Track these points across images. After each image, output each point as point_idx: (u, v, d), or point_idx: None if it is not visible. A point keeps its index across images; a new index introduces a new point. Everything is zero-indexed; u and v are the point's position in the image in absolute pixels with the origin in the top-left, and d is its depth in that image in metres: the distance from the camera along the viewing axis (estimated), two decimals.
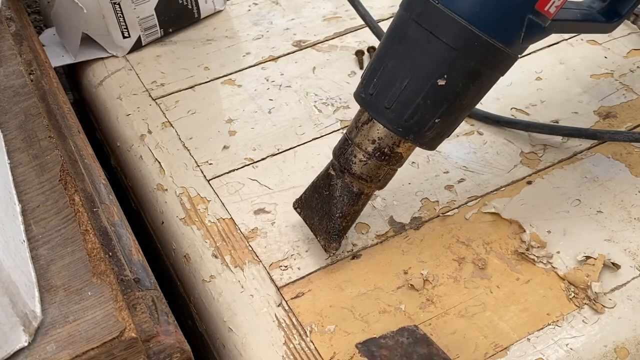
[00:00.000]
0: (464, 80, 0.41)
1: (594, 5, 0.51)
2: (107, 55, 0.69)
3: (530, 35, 0.41)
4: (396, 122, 0.43)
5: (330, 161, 0.47)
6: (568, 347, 0.43)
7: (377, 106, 0.43)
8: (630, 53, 0.66)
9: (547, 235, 0.50)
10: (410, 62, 0.41)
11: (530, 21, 0.40)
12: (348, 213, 0.46)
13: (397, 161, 0.45)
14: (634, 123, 0.59)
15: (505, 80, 0.63)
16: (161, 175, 0.57)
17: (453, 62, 0.40)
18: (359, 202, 0.47)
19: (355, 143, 0.45)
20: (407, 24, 0.42)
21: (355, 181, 0.45)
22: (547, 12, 0.40)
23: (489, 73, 0.42)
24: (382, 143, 0.44)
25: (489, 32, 0.40)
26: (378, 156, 0.44)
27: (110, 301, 0.36)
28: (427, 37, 0.40)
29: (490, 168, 0.55)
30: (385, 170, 0.45)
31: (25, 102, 0.48)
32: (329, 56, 0.68)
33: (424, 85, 0.41)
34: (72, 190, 0.42)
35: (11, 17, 0.61)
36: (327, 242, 0.47)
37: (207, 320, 0.49)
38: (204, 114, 0.62)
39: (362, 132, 0.44)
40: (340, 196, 0.46)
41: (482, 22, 0.39)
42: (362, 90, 0.44)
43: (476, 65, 0.41)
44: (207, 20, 0.74)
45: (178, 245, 0.52)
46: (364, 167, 0.45)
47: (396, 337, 0.43)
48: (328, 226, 0.47)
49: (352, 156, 0.45)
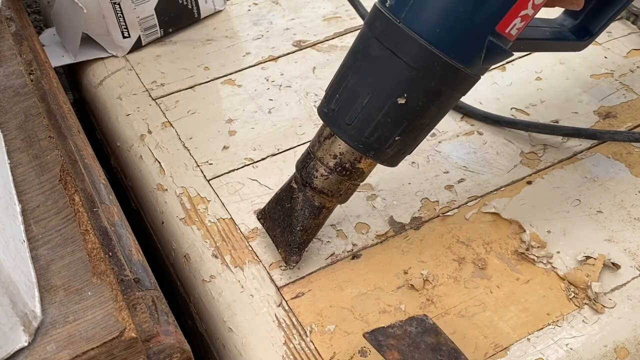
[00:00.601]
0: (424, 99, 0.41)
1: (565, 23, 0.51)
2: (107, 55, 0.69)
3: (491, 56, 0.41)
4: (357, 139, 0.42)
5: (293, 174, 0.47)
6: (568, 347, 0.43)
7: (339, 122, 0.43)
8: (630, 53, 0.66)
9: (547, 235, 0.50)
10: (372, 80, 0.41)
11: (491, 43, 0.40)
12: (309, 226, 0.46)
13: (359, 176, 0.45)
14: (634, 123, 0.59)
15: (505, 80, 0.64)
16: (161, 175, 0.57)
17: (413, 81, 0.40)
18: (320, 216, 0.46)
19: (317, 157, 0.45)
20: (369, 41, 0.41)
21: (317, 195, 0.45)
22: (509, 34, 0.40)
23: (449, 93, 0.42)
24: (344, 158, 0.44)
25: (449, 53, 0.39)
26: (339, 171, 0.44)
27: (110, 301, 0.36)
28: (389, 56, 0.40)
29: (490, 168, 0.55)
30: (346, 185, 0.45)
31: (25, 102, 0.48)
32: (329, 56, 0.68)
33: (385, 103, 0.41)
34: (72, 190, 0.42)
35: (11, 17, 0.61)
36: (288, 255, 0.47)
37: (207, 320, 0.49)
38: (204, 114, 0.62)
39: (324, 147, 0.44)
40: (301, 209, 0.46)
41: (441, 42, 0.39)
42: (324, 105, 0.44)
43: (436, 85, 0.40)
44: (207, 20, 0.74)
45: (178, 245, 0.52)
46: (326, 182, 0.45)
47: (405, 326, 0.43)
48: (289, 239, 0.47)
49: (314, 170, 0.45)
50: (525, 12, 0.39)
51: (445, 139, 0.58)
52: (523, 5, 0.39)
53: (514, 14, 0.39)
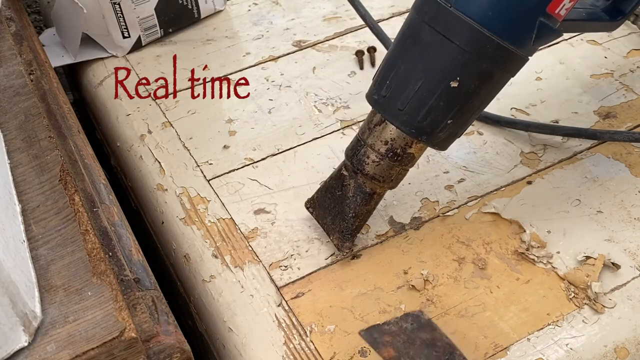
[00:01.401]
0: (476, 82, 0.42)
1: (597, 3, 0.52)
2: (107, 55, 0.69)
3: (541, 37, 0.41)
4: (409, 124, 0.43)
5: (343, 162, 0.48)
6: (568, 347, 0.43)
7: (390, 108, 0.43)
8: (630, 53, 0.66)
9: (547, 235, 0.50)
10: (424, 65, 0.42)
11: (541, 24, 0.41)
12: (361, 213, 0.47)
13: (409, 161, 0.46)
14: (634, 123, 0.59)
15: None
16: (161, 175, 0.57)
17: (466, 64, 0.41)
18: (372, 202, 0.47)
19: (367, 144, 0.45)
20: (419, 26, 0.42)
21: (368, 181, 0.46)
22: (558, 14, 0.41)
23: (500, 74, 0.42)
24: (395, 144, 0.44)
25: (501, 35, 0.40)
26: (391, 157, 0.45)
27: (110, 301, 0.36)
28: (440, 40, 0.41)
29: (490, 168, 0.55)
30: (397, 171, 0.46)
31: (25, 102, 0.48)
32: (329, 56, 0.68)
33: (437, 87, 0.42)
34: (72, 190, 0.42)
35: (11, 17, 0.61)
36: (341, 242, 0.48)
37: (207, 320, 0.49)
38: (204, 114, 0.62)
39: (375, 134, 0.45)
40: (353, 196, 0.47)
41: (494, 25, 0.40)
42: (374, 92, 0.45)
43: (488, 67, 0.41)
44: (207, 20, 0.74)
45: (178, 245, 0.52)
46: (377, 168, 0.45)
47: (400, 322, 0.43)
48: (341, 226, 0.47)
49: (365, 157, 0.45)
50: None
51: None
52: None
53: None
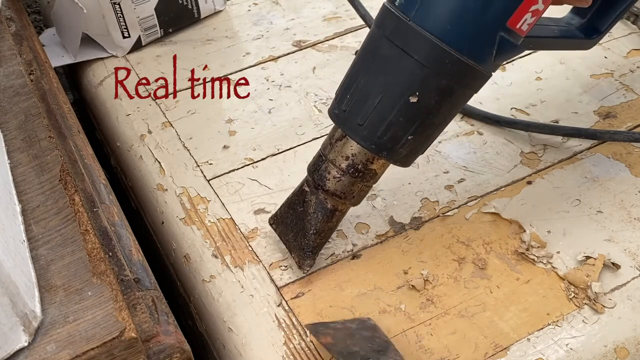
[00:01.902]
0: (436, 97, 0.41)
1: (572, 21, 0.51)
2: (107, 55, 0.69)
3: (503, 52, 0.41)
4: (369, 139, 0.42)
5: (305, 177, 0.47)
6: (568, 347, 0.43)
7: (351, 123, 0.43)
8: (630, 53, 0.66)
9: (547, 235, 0.50)
10: (383, 79, 0.41)
11: (502, 39, 0.40)
12: (322, 230, 0.46)
13: (372, 178, 0.45)
14: (634, 123, 0.59)
15: (505, 80, 0.64)
16: (161, 175, 0.57)
17: (425, 79, 0.40)
18: (333, 219, 0.46)
19: (329, 159, 0.44)
20: (379, 41, 0.41)
21: (330, 198, 0.45)
22: (519, 29, 0.40)
23: (461, 91, 0.42)
24: (356, 160, 0.43)
25: (461, 50, 0.39)
26: (352, 173, 0.44)
27: (110, 301, 0.36)
28: (399, 55, 0.40)
29: (490, 168, 0.55)
30: (359, 187, 0.45)
31: (25, 102, 0.48)
32: (329, 56, 0.68)
33: (397, 102, 0.41)
34: (72, 190, 0.42)
35: (11, 17, 0.61)
36: (302, 259, 0.47)
37: (207, 320, 0.49)
38: (204, 114, 0.62)
39: (336, 149, 0.44)
40: (314, 213, 0.46)
41: (453, 39, 0.39)
42: (335, 106, 0.44)
43: (448, 82, 0.40)
44: (207, 20, 0.74)
45: (178, 245, 0.52)
46: (338, 184, 0.44)
47: (346, 323, 0.44)
48: (302, 243, 0.46)
49: (326, 172, 0.45)
50: (536, 7, 0.39)
51: (445, 139, 0.58)
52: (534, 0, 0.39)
53: (525, 9, 0.39)
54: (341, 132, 0.44)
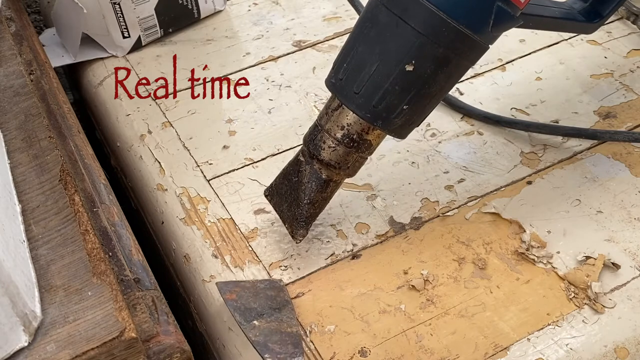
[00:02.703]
0: (432, 67, 0.41)
1: (575, 5, 0.51)
2: (107, 55, 0.69)
3: (499, 23, 0.40)
4: (365, 108, 0.42)
5: (301, 147, 0.47)
6: (568, 347, 0.43)
7: (347, 91, 0.43)
8: (630, 53, 0.66)
9: (547, 235, 0.50)
10: (380, 47, 0.41)
11: (499, 8, 0.40)
12: (316, 200, 0.46)
13: (367, 149, 0.45)
14: (634, 123, 0.59)
15: (505, 80, 0.64)
16: (161, 175, 0.57)
17: (421, 47, 0.40)
18: (328, 189, 0.46)
19: (324, 129, 0.44)
20: (377, 8, 0.41)
21: (324, 168, 0.45)
22: (517, 1, 0.40)
23: (457, 61, 0.41)
24: (351, 129, 0.44)
25: (457, 18, 0.39)
26: (347, 142, 0.44)
27: (110, 301, 0.36)
28: (396, 22, 0.40)
29: (490, 168, 0.55)
30: (354, 158, 0.45)
31: (25, 102, 0.48)
32: (329, 56, 0.68)
33: (393, 70, 0.41)
34: (72, 190, 0.42)
35: (11, 17, 0.61)
36: (294, 229, 0.47)
37: (207, 320, 0.49)
38: (204, 114, 0.62)
39: (332, 118, 0.44)
40: (308, 182, 0.46)
41: (450, 7, 0.39)
42: (332, 75, 0.44)
43: (444, 51, 0.40)
44: (207, 20, 0.74)
45: (178, 245, 0.52)
46: (333, 154, 0.44)
47: (256, 283, 0.45)
48: (296, 212, 0.46)
49: (321, 142, 0.45)
50: None
51: (445, 139, 0.58)
52: None
53: None
54: (338, 102, 0.44)
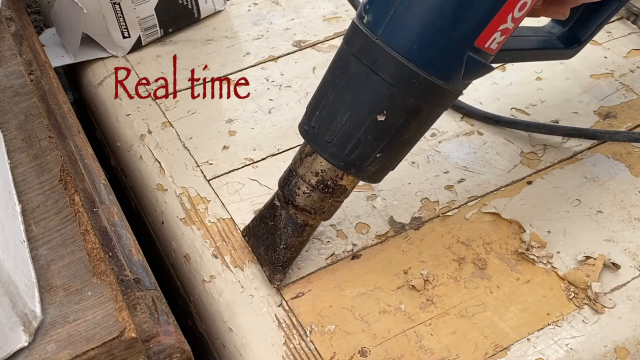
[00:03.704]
0: (403, 116, 0.40)
1: (553, 30, 0.50)
2: (107, 55, 0.69)
3: (471, 71, 0.40)
4: (337, 156, 0.42)
5: (276, 191, 0.46)
6: (568, 347, 0.43)
7: (319, 139, 0.42)
8: (630, 53, 0.66)
9: (547, 235, 0.50)
10: (351, 97, 0.41)
11: (470, 58, 0.39)
12: (292, 244, 0.46)
13: (342, 194, 0.44)
14: (634, 123, 0.59)
15: (505, 80, 0.64)
16: (161, 175, 0.57)
17: (392, 98, 0.39)
18: (304, 234, 0.46)
19: (299, 175, 0.44)
20: (348, 58, 0.41)
21: (300, 213, 0.45)
22: (488, 48, 0.39)
23: (429, 109, 0.41)
24: (325, 176, 0.43)
25: (428, 70, 0.39)
26: (322, 189, 0.43)
27: (110, 301, 0.36)
28: (367, 73, 0.40)
29: (490, 168, 0.55)
30: (329, 203, 0.44)
31: (25, 102, 0.48)
32: (329, 56, 0.68)
33: (364, 120, 0.40)
34: (72, 190, 0.42)
35: (11, 17, 0.61)
36: (272, 274, 0.46)
37: (207, 320, 0.49)
38: (204, 114, 0.62)
39: (306, 164, 0.44)
40: (284, 227, 0.45)
41: (420, 59, 0.38)
42: (305, 122, 0.43)
43: (416, 101, 0.40)
44: (207, 20, 0.74)
45: (178, 245, 0.52)
46: (308, 199, 0.44)
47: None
48: (272, 257, 0.46)
49: (296, 188, 0.44)
50: (505, 26, 0.38)
51: (445, 139, 0.58)
52: (502, 19, 0.38)
53: (493, 28, 0.38)
54: (310, 148, 0.43)
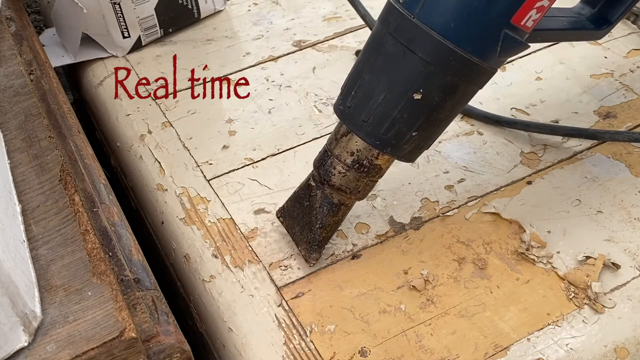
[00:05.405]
0: (440, 95, 0.41)
1: (583, 11, 0.51)
2: (107, 55, 0.69)
3: (507, 49, 0.40)
4: (374, 135, 0.42)
5: (311, 172, 0.47)
6: (568, 347, 0.43)
7: (355, 119, 0.43)
8: (630, 53, 0.66)
9: (547, 235, 0.50)
10: (387, 76, 0.41)
11: (507, 36, 0.39)
12: (328, 224, 0.46)
13: (377, 173, 0.45)
14: (634, 123, 0.59)
15: (505, 80, 0.64)
16: (161, 175, 0.57)
17: (429, 76, 0.40)
18: (339, 213, 0.46)
19: (334, 155, 0.44)
20: (383, 37, 0.41)
21: (335, 192, 0.45)
22: (524, 26, 0.40)
23: (465, 87, 0.41)
24: (361, 155, 0.44)
25: (465, 47, 0.39)
26: (357, 168, 0.44)
27: (110, 301, 0.36)
28: (403, 52, 0.40)
29: (490, 168, 0.55)
30: (364, 182, 0.45)
31: (25, 102, 0.48)
32: (329, 56, 0.68)
33: (400, 99, 0.41)
34: (72, 190, 0.42)
35: (11, 17, 0.61)
36: (308, 253, 0.47)
37: (207, 320, 0.49)
38: (204, 114, 0.62)
39: (341, 144, 0.44)
40: (320, 207, 0.46)
41: (457, 37, 0.39)
42: (340, 102, 0.44)
43: (452, 79, 0.40)
44: (207, 20, 0.74)
45: (178, 245, 0.52)
46: (344, 179, 0.45)
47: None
48: (308, 236, 0.47)
49: (332, 168, 0.45)
50: (541, 3, 0.39)
51: (445, 139, 0.58)
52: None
53: (530, 5, 0.39)
54: (346, 128, 0.44)
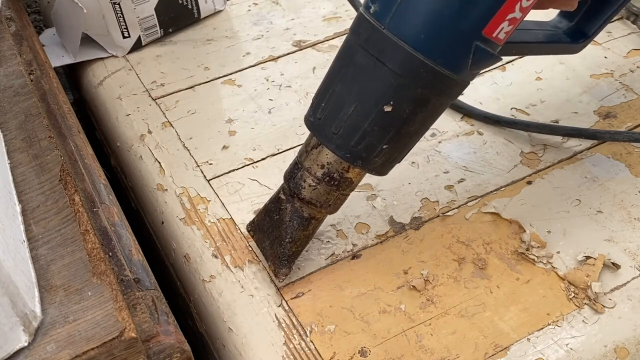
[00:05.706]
0: (410, 107, 0.40)
1: (560, 25, 0.50)
2: (107, 55, 0.69)
3: (479, 61, 0.39)
4: (344, 148, 0.41)
5: (281, 185, 0.46)
6: (568, 347, 0.43)
7: (325, 131, 0.42)
8: (630, 53, 0.66)
9: (547, 235, 0.50)
10: (357, 88, 0.40)
11: (478, 48, 0.38)
12: (298, 238, 0.45)
13: (347, 186, 0.44)
14: (634, 123, 0.59)
15: (505, 80, 0.64)
16: (161, 175, 0.57)
17: (399, 88, 0.39)
18: (310, 227, 0.45)
19: (304, 167, 0.43)
20: (354, 48, 0.40)
21: (305, 206, 0.44)
22: (496, 38, 0.39)
23: (436, 100, 0.40)
24: (331, 168, 0.43)
25: (435, 59, 0.38)
26: (327, 181, 0.43)
27: (110, 301, 0.36)
28: (374, 63, 0.39)
29: (490, 168, 0.55)
30: (335, 196, 0.44)
31: (25, 102, 0.48)
32: (329, 56, 0.68)
33: (371, 111, 0.40)
34: (72, 190, 0.42)
35: (11, 17, 0.61)
36: (277, 268, 0.46)
37: (207, 320, 0.49)
38: (204, 114, 0.62)
39: (311, 157, 0.43)
40: (290, 221, 0.45)
41: (427, 48, 0.38)
42: (311, 114, 0.43)
43: (423, 91, 0.39)
44: (207, 20, 0.74)
45: (178, 245, 0.52)
46: (314, 192, 0.44)
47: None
48: (278, 251, 0.46)
49: (302, 181, 0.44)
50: (513, 15, 0.38)
51: (445, 139, 0.58)
52: (510, 8, 0.37)
53: (501, 17, 0.38)
54: (316, 140, 0.43)
